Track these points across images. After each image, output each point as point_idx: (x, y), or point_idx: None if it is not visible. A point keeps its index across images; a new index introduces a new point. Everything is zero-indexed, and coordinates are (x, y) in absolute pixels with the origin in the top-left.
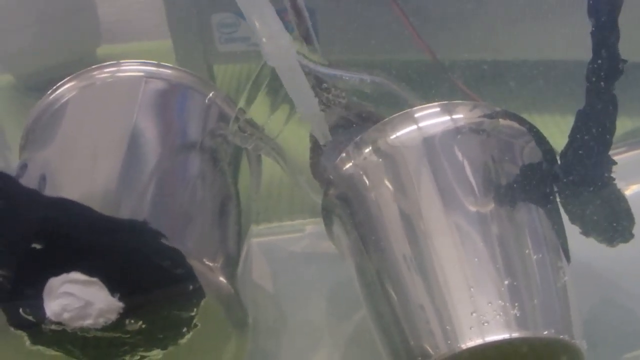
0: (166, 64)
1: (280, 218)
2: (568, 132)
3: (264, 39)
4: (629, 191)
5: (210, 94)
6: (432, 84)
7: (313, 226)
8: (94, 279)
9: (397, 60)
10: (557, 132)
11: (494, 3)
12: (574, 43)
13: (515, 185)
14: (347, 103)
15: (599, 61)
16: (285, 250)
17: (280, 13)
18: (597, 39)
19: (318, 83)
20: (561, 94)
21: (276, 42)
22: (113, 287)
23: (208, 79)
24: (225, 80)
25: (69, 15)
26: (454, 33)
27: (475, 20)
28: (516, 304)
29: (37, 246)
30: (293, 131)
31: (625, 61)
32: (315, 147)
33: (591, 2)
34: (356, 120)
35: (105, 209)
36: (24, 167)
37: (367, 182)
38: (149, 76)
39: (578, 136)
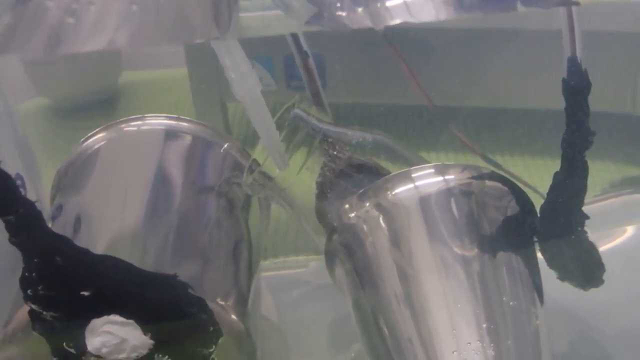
0: (185, 118)
1: (286, 254)
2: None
3: (233, 76)
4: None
5: (225, 145)
6: (435, 127)
7: (316, 262)
8: (130, 321)
9: (402, 105)
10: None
11: (493, 55)
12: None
13: (497, 239)
14: (350, 156)
15: (572, 133)
16: (291, 285)
17: (289, 57)
18: (569, 115)
19: (324, 138)
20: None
21: (244, 81)
22: (146, 327)
23: (223, 131)
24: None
25: None
26: (453, 81)
27: (475, 69)
28: (492, 345)
29: (86, 294)
30: (300, 179)
31: (594, 133)
32: (321, 194)
33: (564, 85)
34: (358, 170)
35: (134, 248)
36: (59, 208)
37: (367, 231)
38: (170, 129)
39: (555, 195)
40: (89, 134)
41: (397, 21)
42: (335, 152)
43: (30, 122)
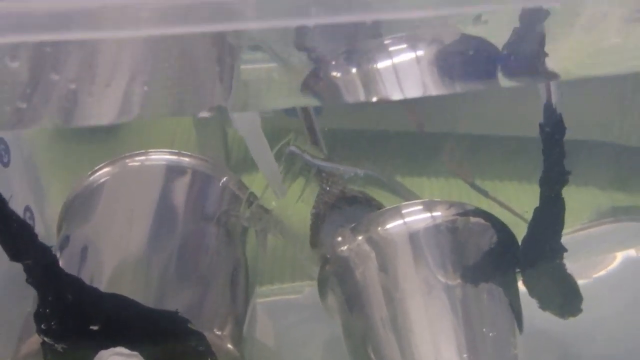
0: (186, 153)
1: (282, 280)
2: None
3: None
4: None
5: (224, 179)
6: (427, 153)
7: (310, 288)
8: (135, 353)
9: (395, 131)
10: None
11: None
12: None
13: (481, 271)
14: (343, 188)
15: (549, 173)
16: (286, 310)
17: None
18: (546, 156)
19: (319, 173)
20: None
21: (245, 116)
22: (149, 358)
23: (223, 165)
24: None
25: None
26: (444, 107)
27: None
28: None
29: (94, 328)
30: (295, 211)
31: (569, 172)
32: (315, 225)
33: (541, 129)
34: (350, 203)
35: (138, 277)
36: (66, 239)
37: (358, 263)
38: (171, 164)
39: (534, 229)
40: (95, 168)
41: (387, 97)
42: (328, 187)
43: (35, 146)
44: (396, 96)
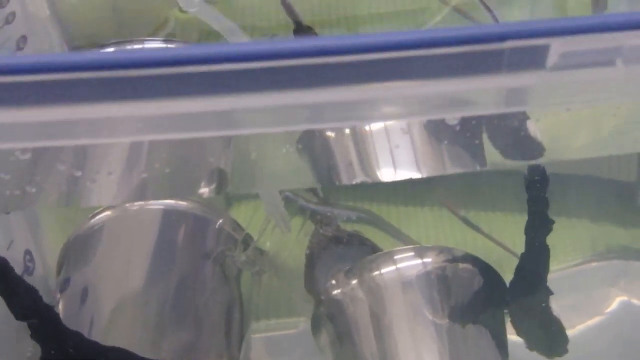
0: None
1: (278, 315)
2: None
3: None
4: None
5: (220, 221)
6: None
7: (305, 324)
8: None
9: None
10: None
11: None
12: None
13: (469, 313)
14: (337, 228)
15: (533, 222)
16: (281, 345)
17: None
18: (530, 206)
19: (313, 214)
20: None
21: None
22: None
23: (218, 208)
24: None
25: None
26: None
27: None
28: None
29: None
30: (290, 251)
31: (553, 222)
32: (309, 265)
33: (525, 181)
34: (344, 243)
35: (136, 316)
36: (67, 281)
37: (351, 306)
38: (168, 208)
39: (522, 273)
40: (95, 211)
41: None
42: (322, 229)
43: None
44: (393, 177)
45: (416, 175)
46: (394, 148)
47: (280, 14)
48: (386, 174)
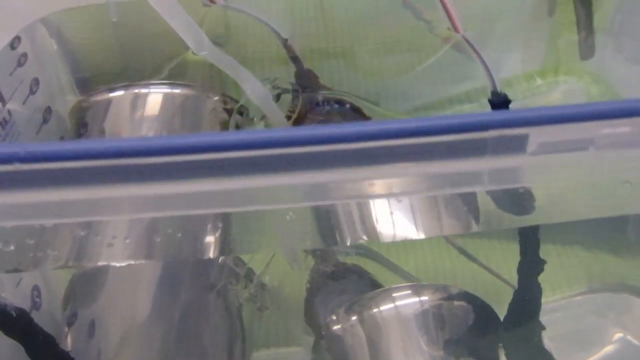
0: None
1: (278, 345)
2: None
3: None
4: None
5: (222, 256)
6: None
7: (305, 355)
8: None
9: None
10: None
11: None
12: None
13: (464, 349)
14: (336, 262)
15: (525, 261)
16: None
17: None
18: (522, 247)
19: (313, 250)
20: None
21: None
22: None
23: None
24: None
25: None
26: None
27: None
28: None
29: None
30: (292, 287)
31: (544, 261)
32: (310, 298)
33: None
34: (343, 275)
35: (143, 347)
36: (74, 315)
37: (350, 341)
38: None
39: (515, 310)
40: None
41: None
42: (321, 264)
43: None
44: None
45: (414, 237)
46: (392, 213)
47: (281, 50)
48: (386, 236)
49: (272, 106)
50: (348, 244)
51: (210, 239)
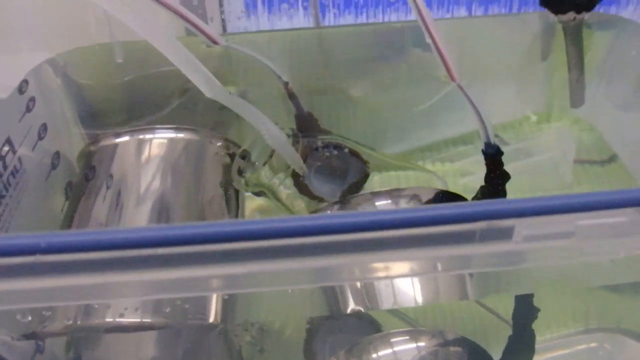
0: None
1: None
2: None
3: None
4: None
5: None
6: None
7: None
8: None
9: None
10: None
11: None
12: None
13: None
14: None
15: (520, 309)
16: None
17: None
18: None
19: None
20: None
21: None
22: None
23: None
24: None
25: None
26: None
27: None
28: None
29: None
30: (292, 327)
31: (538, 309)
32: (309, 339)
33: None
34: (343, 316)
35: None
36: (77, 359)
37: None
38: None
39: (509, 354)
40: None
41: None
42: None
43: None
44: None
45: (413, 305)
46: (392, 285)
47: (281, 88)
48: (386, 305)
49: (289, 149)
50: (349, 312)
51: (215, 308)
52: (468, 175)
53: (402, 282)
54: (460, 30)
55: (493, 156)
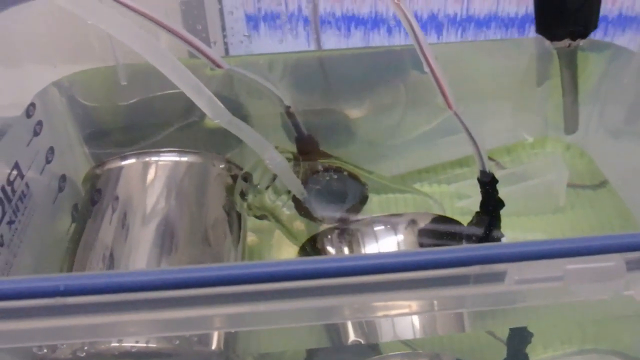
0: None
1: None
2: None
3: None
4: None
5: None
6: None
7: None
8: None
9: None
10: None
11: None
12: None
13: None
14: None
15: (514, 334)
16: None
17: None
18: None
19: None
20: None
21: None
22: None
23: None
24: None
25: None
26: None
27: None
28: None
29: None
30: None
31: (532, 334)
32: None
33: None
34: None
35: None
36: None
37: None
38: None
39: None
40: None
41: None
42: None
43: None
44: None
45: (411, 337)
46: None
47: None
48: (386, 337)
49: (290, 175)
50: (349, 343)
51: (218, 337)
52: (465, 198)
53: (402, 319)
54: (457, 54)
55: (488, 184)
